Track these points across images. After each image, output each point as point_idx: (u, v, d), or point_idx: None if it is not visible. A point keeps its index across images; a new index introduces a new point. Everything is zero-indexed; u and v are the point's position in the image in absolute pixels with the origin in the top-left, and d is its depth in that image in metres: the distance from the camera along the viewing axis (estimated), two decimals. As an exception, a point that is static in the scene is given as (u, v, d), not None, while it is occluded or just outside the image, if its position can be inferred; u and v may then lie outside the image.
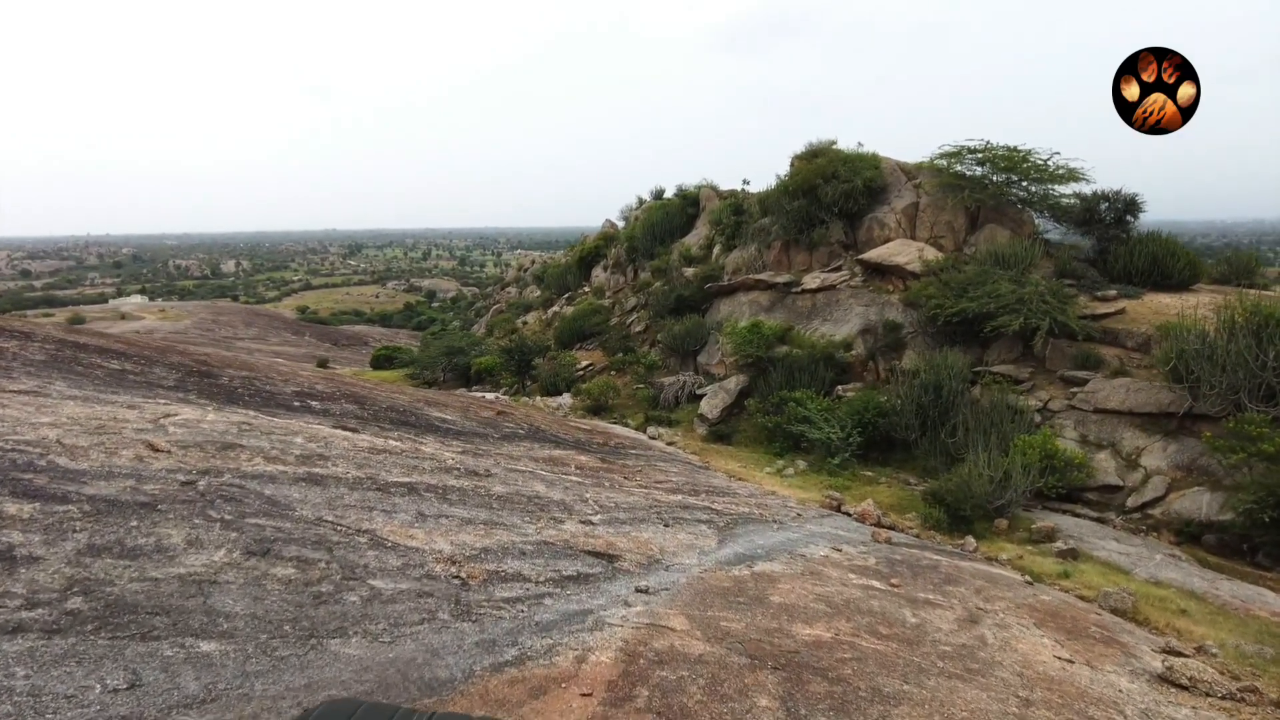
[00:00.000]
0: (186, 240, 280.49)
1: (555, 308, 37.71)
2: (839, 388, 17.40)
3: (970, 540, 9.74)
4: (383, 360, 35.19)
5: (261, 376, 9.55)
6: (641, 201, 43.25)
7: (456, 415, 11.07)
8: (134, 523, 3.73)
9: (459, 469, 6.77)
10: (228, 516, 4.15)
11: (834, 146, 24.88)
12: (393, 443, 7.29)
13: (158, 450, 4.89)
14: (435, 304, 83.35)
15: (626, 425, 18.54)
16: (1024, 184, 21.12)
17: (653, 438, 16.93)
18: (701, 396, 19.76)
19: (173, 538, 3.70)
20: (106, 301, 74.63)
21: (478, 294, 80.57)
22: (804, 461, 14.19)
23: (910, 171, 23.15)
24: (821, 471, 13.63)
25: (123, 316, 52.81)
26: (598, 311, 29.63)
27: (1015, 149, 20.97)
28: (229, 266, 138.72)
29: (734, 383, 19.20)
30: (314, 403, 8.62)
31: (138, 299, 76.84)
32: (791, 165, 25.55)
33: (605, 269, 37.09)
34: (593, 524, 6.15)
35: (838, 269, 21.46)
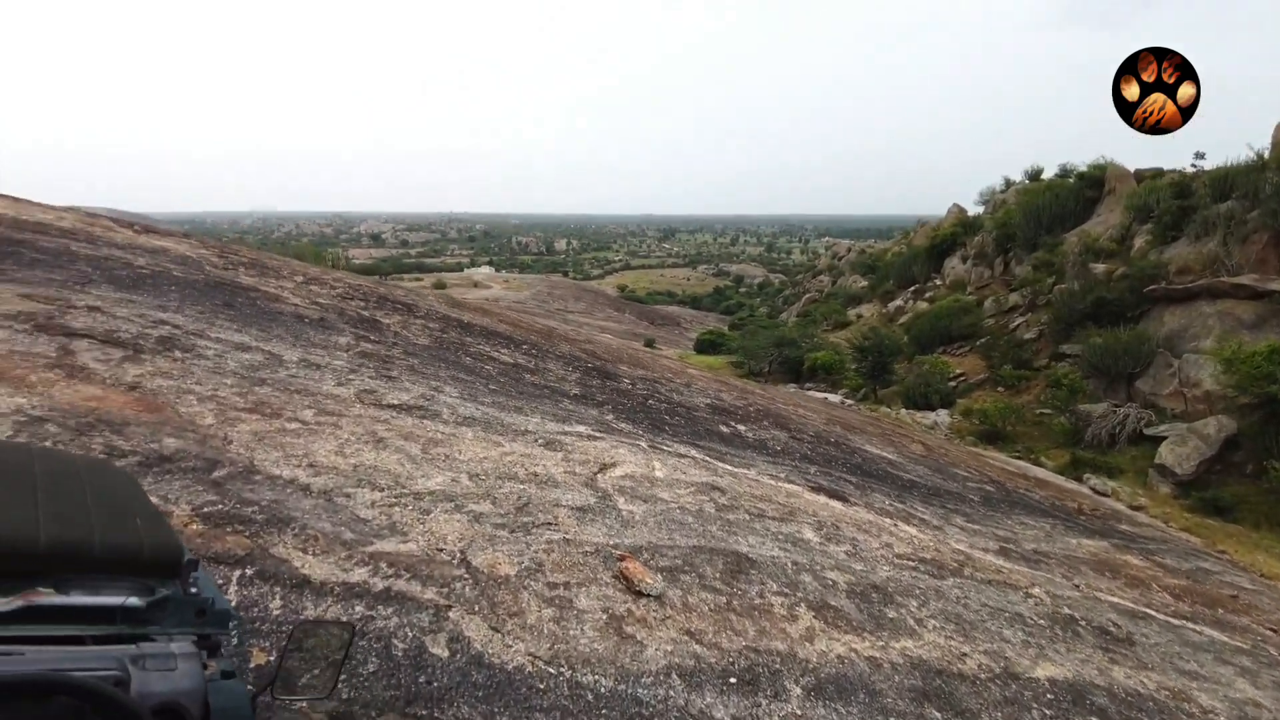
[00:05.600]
0: (527, 220, 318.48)
1: (898, 301, 33.18)
2: None
3: None
4: (707, 345, 33.77)
5: (660, 379, 7.29)
6: (1009, 183, 36.43)
7: (891, 451, 7.93)
8: None
9: (1082, 622, 3.54)
10: None
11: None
12: (911, 530, 4.30)
13: (639, 595, 2.34)
14: (742, 289, 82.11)
15: (1042, 465, 14.03)
16: None
17: (1098, 492, 12.31)
18: (1151, 438, 14.43)
19: None
20: (462, 270, 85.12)
21: (785, 281, 77.64)
22: None
23: None
24: None
25: (475, 284, 58.81)
26: (967, 310, 24.63)
27: None
28: (560, 245, 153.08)
29: (1213, 426, 13.61)
30: (742, 429, 6.03)
31: (487, 269, 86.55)
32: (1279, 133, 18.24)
33: (964, 260, 31.64)
34: None
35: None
